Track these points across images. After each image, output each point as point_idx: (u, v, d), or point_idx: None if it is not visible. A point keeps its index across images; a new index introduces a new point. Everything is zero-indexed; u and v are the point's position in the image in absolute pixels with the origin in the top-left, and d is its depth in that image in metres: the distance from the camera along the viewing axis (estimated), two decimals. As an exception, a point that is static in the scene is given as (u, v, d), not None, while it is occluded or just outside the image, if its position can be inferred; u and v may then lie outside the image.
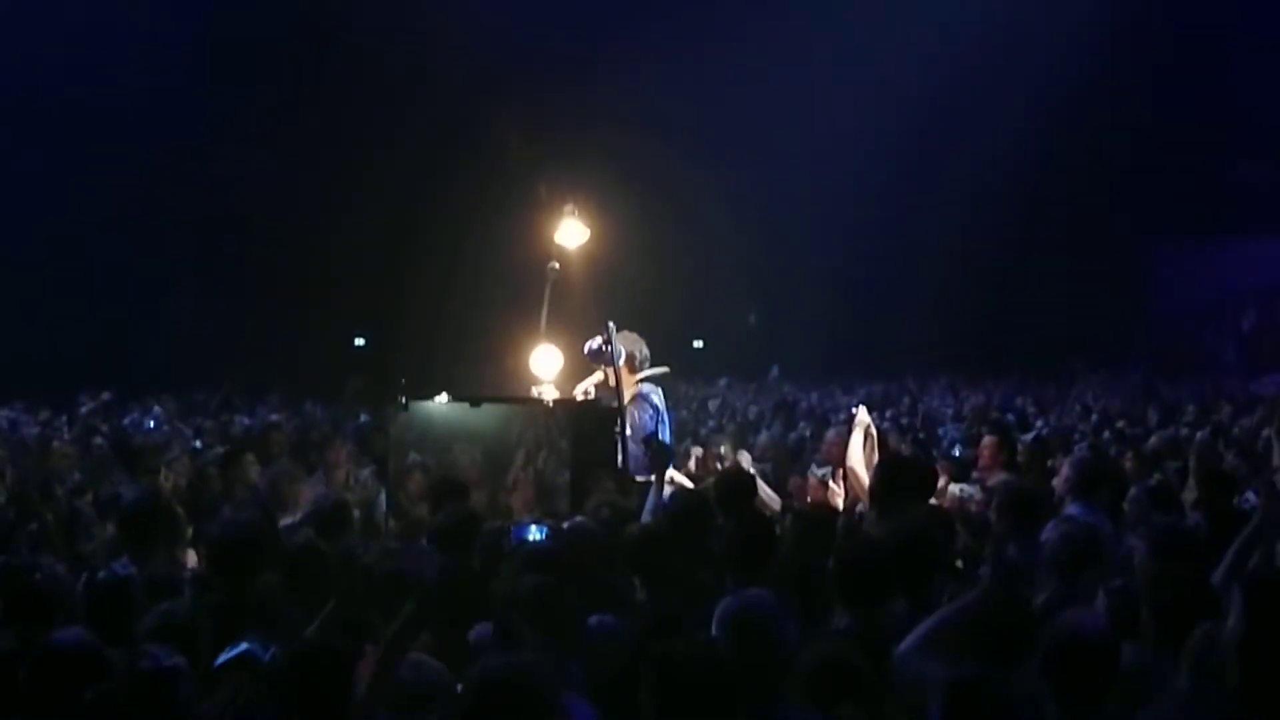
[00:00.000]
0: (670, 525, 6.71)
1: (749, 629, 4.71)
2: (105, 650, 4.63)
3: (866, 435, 9.20)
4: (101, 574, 6.07)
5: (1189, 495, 8.41)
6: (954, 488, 9.16)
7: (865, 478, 8.78)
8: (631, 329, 10.09)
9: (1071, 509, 7.49)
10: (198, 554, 7.30)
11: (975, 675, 4.24)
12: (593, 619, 5.70)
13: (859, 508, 8.26)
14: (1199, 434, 12.68)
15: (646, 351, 10.02)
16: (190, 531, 7.83)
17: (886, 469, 7.80)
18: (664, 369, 10.40)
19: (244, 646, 4.93)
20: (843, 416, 15.00)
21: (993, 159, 25.00)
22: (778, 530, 7.01)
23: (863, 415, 9.45)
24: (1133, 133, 26.25)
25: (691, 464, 10.38)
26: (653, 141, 23.63)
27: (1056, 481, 8.07)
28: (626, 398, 9.75)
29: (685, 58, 23.92)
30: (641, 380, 9.94)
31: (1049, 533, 6.42)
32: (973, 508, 8.57)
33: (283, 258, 23.51)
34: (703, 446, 11.17)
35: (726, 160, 25.26)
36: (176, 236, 22.88)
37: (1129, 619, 5.24)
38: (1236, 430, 13.59)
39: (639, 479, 9.37)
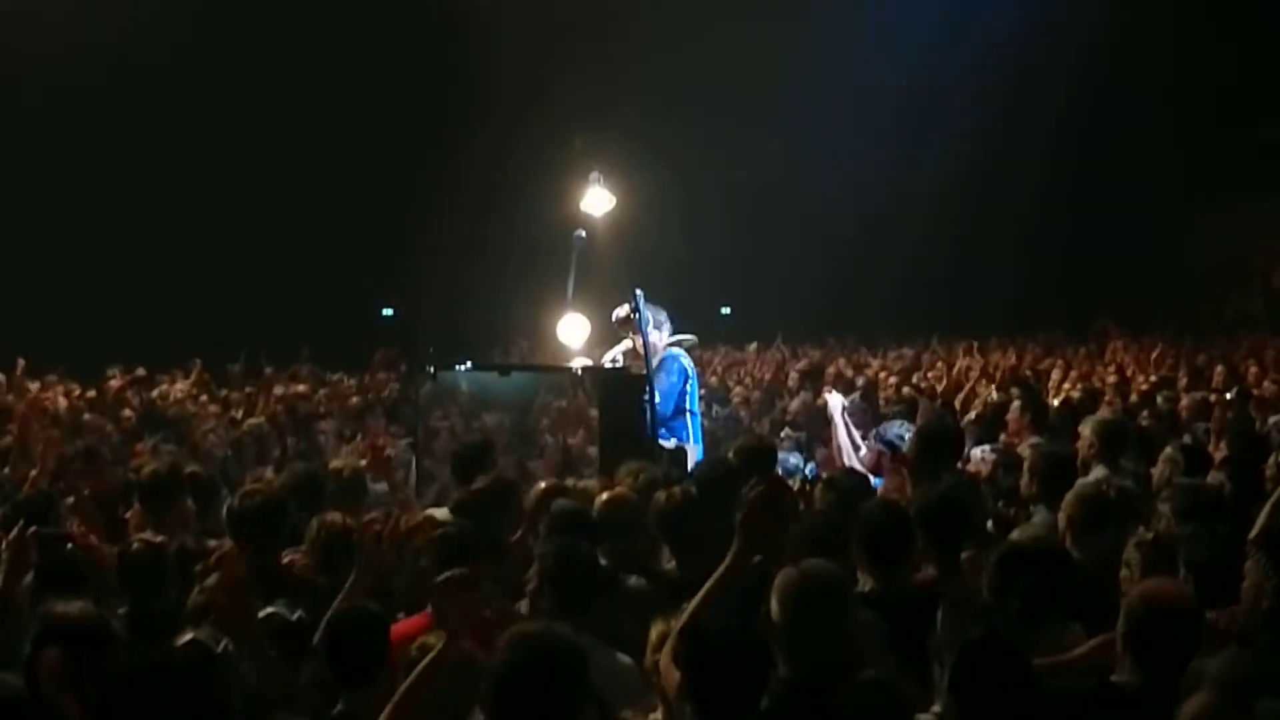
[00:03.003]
0: (699, 493, 6.70)
1: (807, 600, 4.58)
2: (111, 623, 4.65)
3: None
4: (135, 544, 6.11)
5: (1217, 456, 8.34)
6: (975, 450, 9.15)
7: (859, 465, 8.81)
8: (658, 296, 10.09)
9: (1097, 472, 7.47)
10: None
11: (987, 634, 4.23)
12: (630, 579, 5.74)
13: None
14: (1229, 394, 12.60)
15: (662, 317, 10.01)
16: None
17: (925, 437, 7.79)
18: (692, 338, 10.40)
19: (270, 610, 4.94)
20: (860, 383, 15.05)
21: (1018, 120, 24.88)
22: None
23: (833, 401, 9.48)
24: (1160, 92, 26.07)
25: None
26: (680, 104, 23.54)
27: (1079, 444, 8.04)
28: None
29: (717, 18, 23.81)
30: (669, 345, 9.95)
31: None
32: (984, 469, 8.57)
33: (309, 228, 23.54)
34: None
35: (759, 121, 25.13)
36: (202, 209, 22.92)
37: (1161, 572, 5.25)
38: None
39: (666, 446, 9.40)
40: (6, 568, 5.38)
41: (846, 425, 9.54)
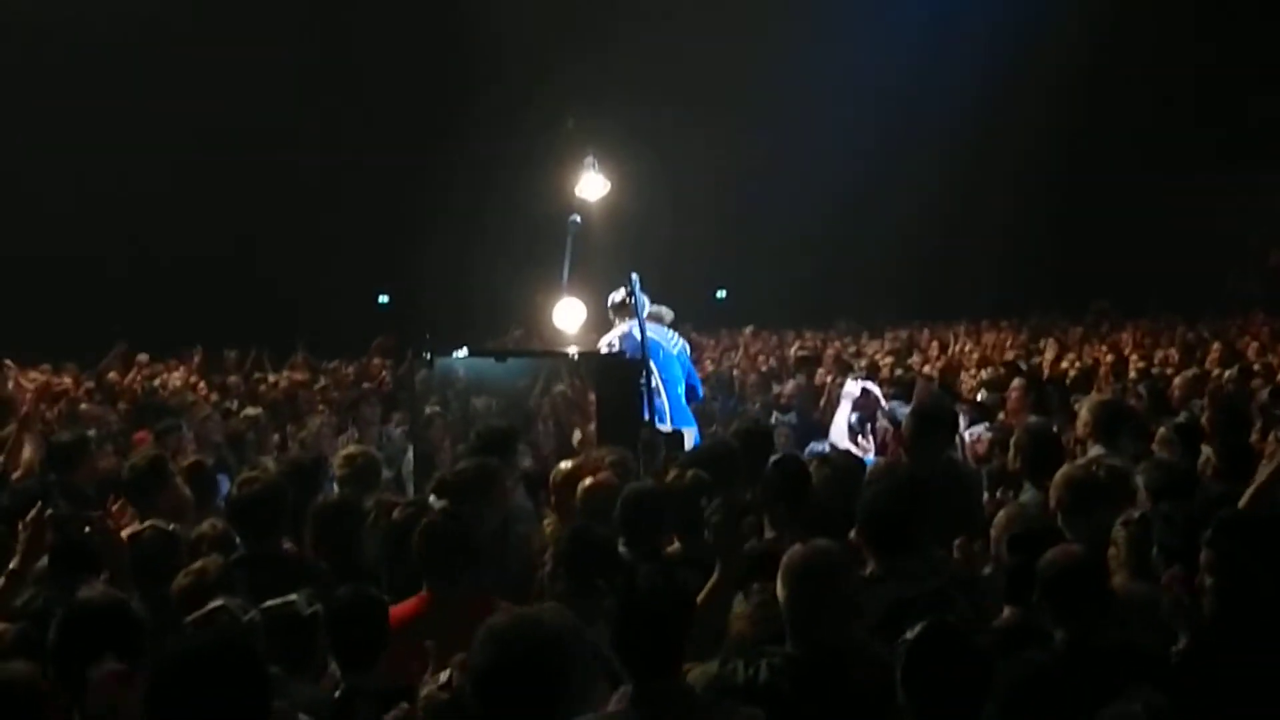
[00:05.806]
0: (699, 474, 6.74)
1: (809, 579, 4.67)
2: (133, 607, 4.63)
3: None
4: (146, 531, 6.14)
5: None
6: (973, 429, 9.21)
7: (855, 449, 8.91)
8: (654, 280, 10.12)
9: (1094, 450, 7.50)
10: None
11: (937, 625, 4.27)
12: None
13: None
14: (1227, 372, 12.61)
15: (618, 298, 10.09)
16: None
17: (920, 417, 7.83)
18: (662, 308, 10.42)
19: (292, 598, 4.93)
20: (863, 363, 15.12)
21: (1009, 100, 24.89)
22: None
23: (849, 388, 9.63)
24: (1151, 70, 26.06)
25: None
26: (674, 90, 23.50)
27: (1077, 425, 8.08)
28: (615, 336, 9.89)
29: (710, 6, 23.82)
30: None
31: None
32: (980, 449, 8.63)
33: (305, 216, 23.55)
34: None
35: (754, 107, 25.09)
36: (202, 197, 22.91)
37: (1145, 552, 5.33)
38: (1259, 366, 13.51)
39: (664, 430, 9.44)
40: (23, 549, 5.37)
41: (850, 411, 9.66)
